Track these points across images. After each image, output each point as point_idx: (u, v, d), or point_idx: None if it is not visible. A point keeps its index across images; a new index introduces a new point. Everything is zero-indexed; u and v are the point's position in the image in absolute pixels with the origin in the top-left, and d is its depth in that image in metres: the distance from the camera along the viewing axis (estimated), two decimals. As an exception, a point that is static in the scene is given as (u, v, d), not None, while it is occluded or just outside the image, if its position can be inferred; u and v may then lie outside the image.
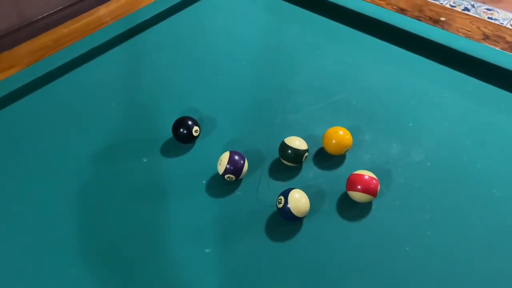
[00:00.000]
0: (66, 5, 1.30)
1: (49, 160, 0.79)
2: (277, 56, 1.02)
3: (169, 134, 0.81)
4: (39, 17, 1.27)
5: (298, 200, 0.67)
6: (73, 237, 0.68)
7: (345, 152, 0.78)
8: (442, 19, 1.07)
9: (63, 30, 1.05)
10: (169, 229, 0.69)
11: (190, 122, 0.79)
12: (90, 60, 0.99)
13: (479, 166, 0.78)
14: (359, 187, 0.69)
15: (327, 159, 0.79)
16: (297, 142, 0.75)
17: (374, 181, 0.70)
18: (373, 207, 0.72)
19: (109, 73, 0.97)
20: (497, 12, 2.64)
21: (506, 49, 0.98)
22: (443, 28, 1.03)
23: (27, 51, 1.00)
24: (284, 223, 0.69)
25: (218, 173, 0.74)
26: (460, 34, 1.02)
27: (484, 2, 2.70)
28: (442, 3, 2.44)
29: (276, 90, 0.93)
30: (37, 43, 1.02)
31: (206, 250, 0.66)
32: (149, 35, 1.07)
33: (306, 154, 0.76)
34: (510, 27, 1.01)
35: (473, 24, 1.05)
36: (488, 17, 2.59)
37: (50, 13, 1.29)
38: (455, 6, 2.66)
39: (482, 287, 0.63)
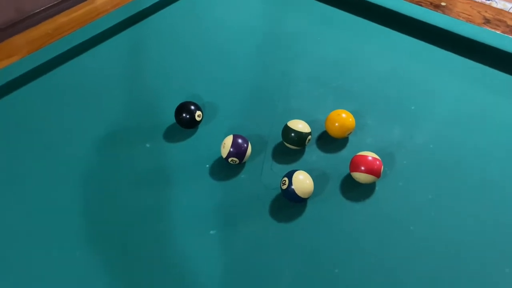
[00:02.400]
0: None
1: (53, 147, 0.79)
2: (277, 43, 1.02)
3: (172, 119, 0.81)
4: (37, 10, 1.26)
5: (302, 181, 0.67)
6: (78, 221, 0.68)
7: (348, 135, 0.79)
8: (443, 4, 1.07)
9: (62, 19, 1.04)
10: (174, 212, 0.69)
11: (192, 107, 0.79)
12: (91, 49, 0.99)
13: (481, 147, 0.78)
14: (362, 168, 0.69)
15: (330, 142, 0.79)
16: (300, 125, 0.75)
17: (377, 162, 0.70)
18: (377, 188, 0.72)
19: (110, 61, 0.97)
20: (495, 2, 2.64)
21: (507, 33, 0.98)
22: (443, 13, 1.03)
23: (27, 40, 1.00)
24: (288, 205, 0.69)
25: (221, 157, 0.74)
26: (461, 19, 1.02)
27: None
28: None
29: (278, 76, 0.93)
30: (36, 32, 1.01)
31: (211, 232, 0.66)
32: (149, 23, 1.07)
33: (309, 137, 0.76)
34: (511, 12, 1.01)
35: (473, 9, 1.05)
36: (487, 7, 2.58)
37: (48, 6, 1.27)
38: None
39: (487, 265, 0.63)
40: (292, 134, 0.75)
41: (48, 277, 0.62)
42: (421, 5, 1.06)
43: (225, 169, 0.75)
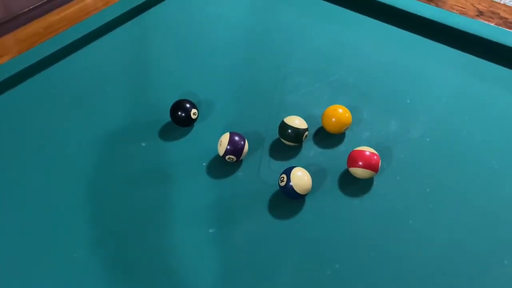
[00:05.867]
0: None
1: (47, 148, 0.78)
2: (272, 38, 1.01)
3: (167, 117, 0.80)
4: (26, 9, 1.24)
5: (301, 178, 0.67)
6: (75, 222, 0.67)
7: (345, 130, 0.78)
8: (436, -4, 1.07)
9: (54, 17, 1.03)
10: (172, 211, 0.69)
11: (188, 105, 0.78)
12: (83, 47, 0.97)
13: (477, 139, 0.78)
14: (360, 163, 0.69)
15: (326, 137, 0.79)
16: (297, 121, 0.75)
17: (375, 157, 0.70)
18: (375, 183, 0.72)
19: (103, 59, 0.95)
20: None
21: (500, 25, 0.98)
22: (437, 6, 1.03)
23: (18, 39, 0.98)
24: (286, 201, 0.69)
25: (218, 155, 0.74)
26: (455, 11, 1.02)
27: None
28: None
29: (273, 72, 0.93)
30: (27, 30, 0.99)
31: (210, 230, 0.66)
32: (142, 20, 1.06)
33: (306, 133, 0.75)
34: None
35: (467, 1, 1.05)
36: None
37: (37, 5, 1.25)
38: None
39: (485, 257, 0.63)
40: (289, 131, 0.74)
41: (46, 280, 0.61)
42: (414, -2, 1.05)
43: (222, 167, 0.74)
